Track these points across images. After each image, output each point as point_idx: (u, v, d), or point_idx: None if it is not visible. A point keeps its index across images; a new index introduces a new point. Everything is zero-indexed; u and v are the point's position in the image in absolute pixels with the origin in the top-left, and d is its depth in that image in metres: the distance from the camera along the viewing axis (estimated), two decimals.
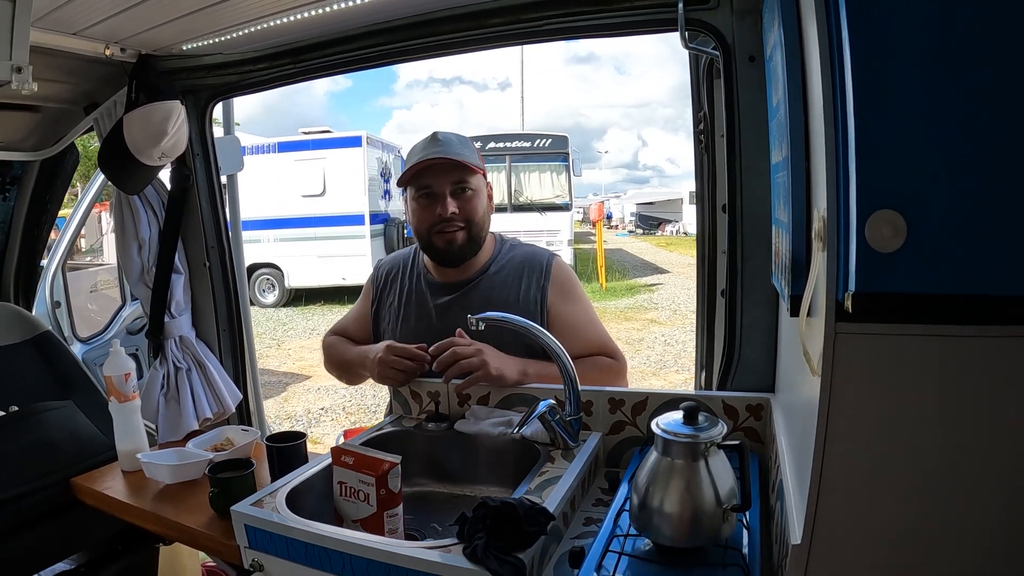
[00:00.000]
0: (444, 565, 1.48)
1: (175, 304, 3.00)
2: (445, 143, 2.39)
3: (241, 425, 3.00)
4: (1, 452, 2.61)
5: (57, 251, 5.10)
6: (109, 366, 2.49)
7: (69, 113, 3.27)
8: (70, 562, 3.04)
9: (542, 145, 18.17)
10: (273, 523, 1.76)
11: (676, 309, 14.57)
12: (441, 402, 2.39)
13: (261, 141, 16.53)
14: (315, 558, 1.70)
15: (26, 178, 3.81)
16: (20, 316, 3.36)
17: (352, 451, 1.88)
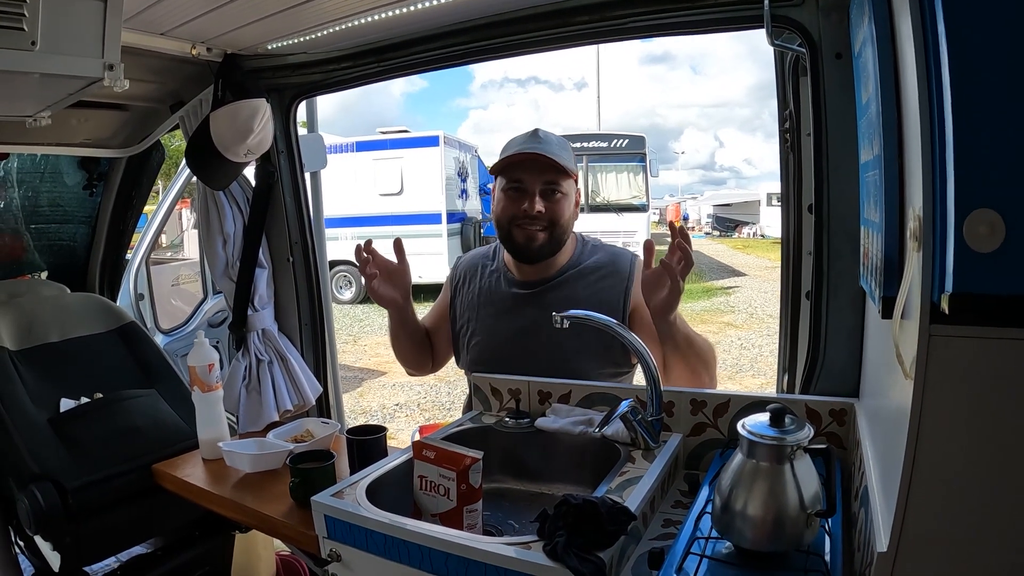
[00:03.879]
0: (523, 562, 1.49)
1: (258, 298, 3.06)
2: (544, 141, 2.39)
3: (321, 418, 3.05)
4: (86, 437, 2.70)
5: (141, 245, 5.20)
6: (193, 356, 2.56)
7: (156, 111, 3.35)
8: (147, 546, 3.13)
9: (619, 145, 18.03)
10: (353, 514, 1.79)
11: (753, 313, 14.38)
12: (521, 399, 2.38)
13: (339, 140, 16.69)
14: (393, 550, 1.72)
15: (113, 174, 3.92)
16: (106, 307, 3.45)
17: (433, 445, 1.90)
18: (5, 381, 2.83)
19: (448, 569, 1.62)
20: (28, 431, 2.69)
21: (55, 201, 4.01)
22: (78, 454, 2.66)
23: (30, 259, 4.10)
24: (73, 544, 2.59)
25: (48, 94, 2.33)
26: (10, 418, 2.70)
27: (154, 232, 5.39)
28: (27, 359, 3.01)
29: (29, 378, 2.93)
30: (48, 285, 3.58)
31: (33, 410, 2.79)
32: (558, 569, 1.44)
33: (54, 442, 2.70)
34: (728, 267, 23.66)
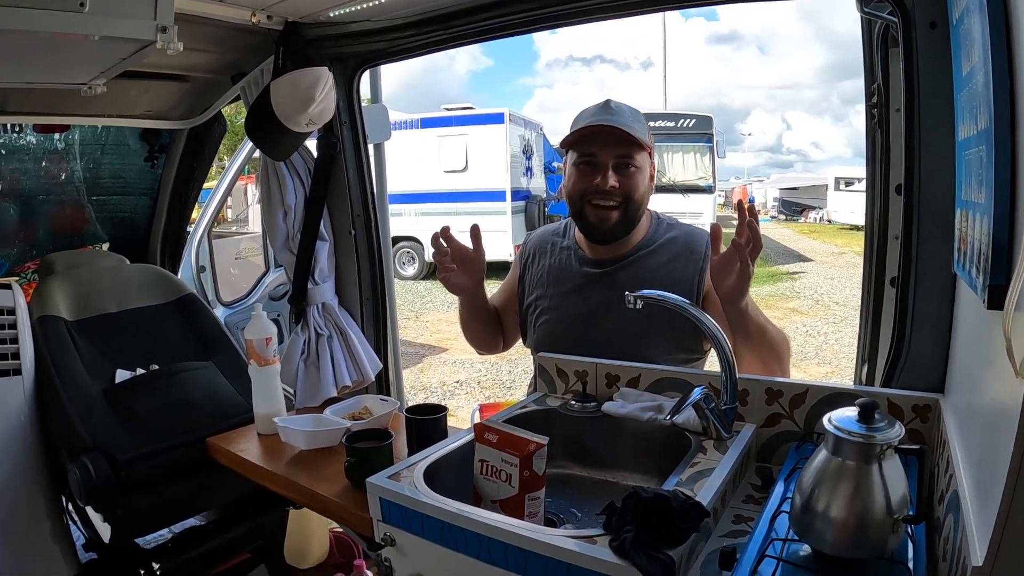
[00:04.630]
0: (588, 557, 1.41)
1: (319, 271, 3.01)
2: (617, 112, 2.29)
3: (380, 395, 3.01)
4: (141, 409, 2.70)
5: (203, 218, 5.24)
6: (251, 329, 2.54)
7: (216, 83, 3.35)
8: (200, 518, 3.13)
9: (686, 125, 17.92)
10: (409, 499, 1.73)
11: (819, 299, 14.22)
12: (588, 382, 2.29)
13: (404, 117, 16.71)
14: (450, 538, 1.66)
15: (174, 146, 3.95)
16: (166, 278, 3.44)
17: (496, 429, 1.83)
18: (60, 351, 2.83)
19: (507, 560, 1.56)
20: (82, 402, 2.69)
21: (116, 173, 4.05)
22: (132, 426, 2.66)
23: (92, 231, 4.14)
24: (124, 516, 2.59)
25: (100, 59, 2.30)
26: (64, 388, 2.71)
27: (216, 205, 5.43)
28: (84, 329, 3.01)
29: (85, 348, 2.93)
30: (107, 256, 3.59)
31: (88, 381, 2.79)
32: (625, 567, 1.36)
33: (107, 413, 2.70)
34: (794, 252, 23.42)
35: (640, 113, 2.38)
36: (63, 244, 3.99)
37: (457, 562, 1.67)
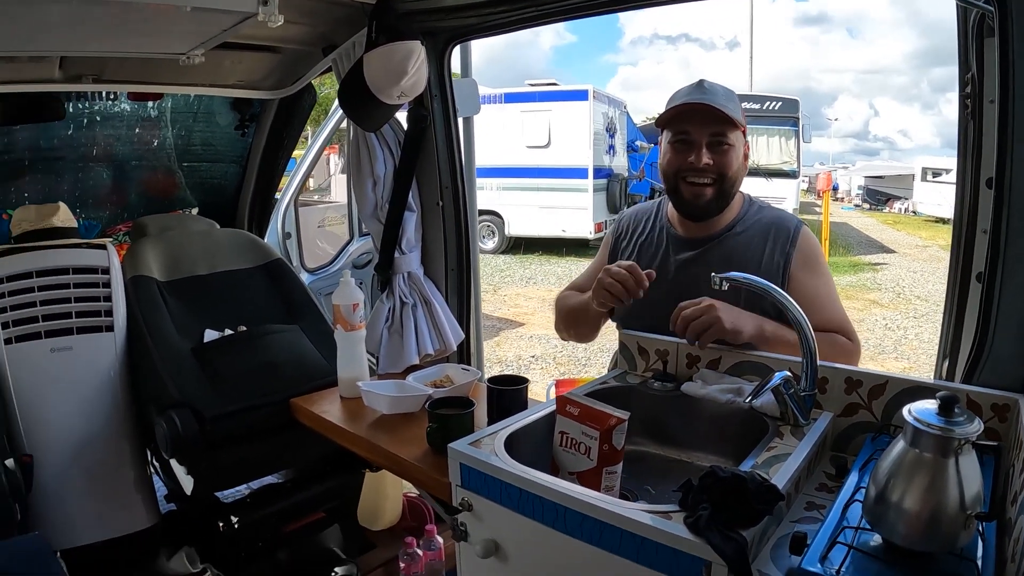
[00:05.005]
0: (663, 532, 1.43)
1: (406, 240, 3.06)
2: (710, 92, 2.30)
3: (461, 364, 3.05)
4: (228, 368, 2.79)
5: (290, 187, 5.32)
6: (338, 295, 2.59)
7: (307, 54, 3.40)
8: (278, 477, 3.24)
9: (772, 108, 17.61)
10: (491, 465, 1.77)
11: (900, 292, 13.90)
12: (669, 361, 2.30)
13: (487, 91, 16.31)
14: (528, 506, 1.69)
15: (264, 116, 4.04)
16: (254, 243, 3.53)
17: (578, 402, 1.86)
18: (152, 310, 2.93)
19: (582, 531, 1.58)
20: (171, 359, 2.78)
21: (207, 141, 4.17)
22: (218, 384, 2.74)
23: (182, 196, 4.25)
24: (208, 470, 2.69)
25: (200, 30, 2.36)
26: (154, 346, 2.81)
27: (303, 174, 5.52)
28: (174, 290, 3.11)
29: (175, 308, 3.03)
30: (197, 220, 3.69)
31: (177, 339, 2.89)
32: (699, 544, 1.38)
33: (196, 371, 2.78)
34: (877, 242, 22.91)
35: (733, 93, 2.38)
36: (154, 208, 4.11)
37: (532, 530, 1.70)
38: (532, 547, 1.75)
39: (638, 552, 1.49)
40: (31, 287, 2.76)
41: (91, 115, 3.76)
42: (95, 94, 3.64)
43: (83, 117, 3.74)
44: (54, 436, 2.76)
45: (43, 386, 2.75)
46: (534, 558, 1.76)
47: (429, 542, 3.13)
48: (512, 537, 1.79)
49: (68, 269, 2.82)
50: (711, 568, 1.37)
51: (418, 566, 3.08)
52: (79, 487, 2.80)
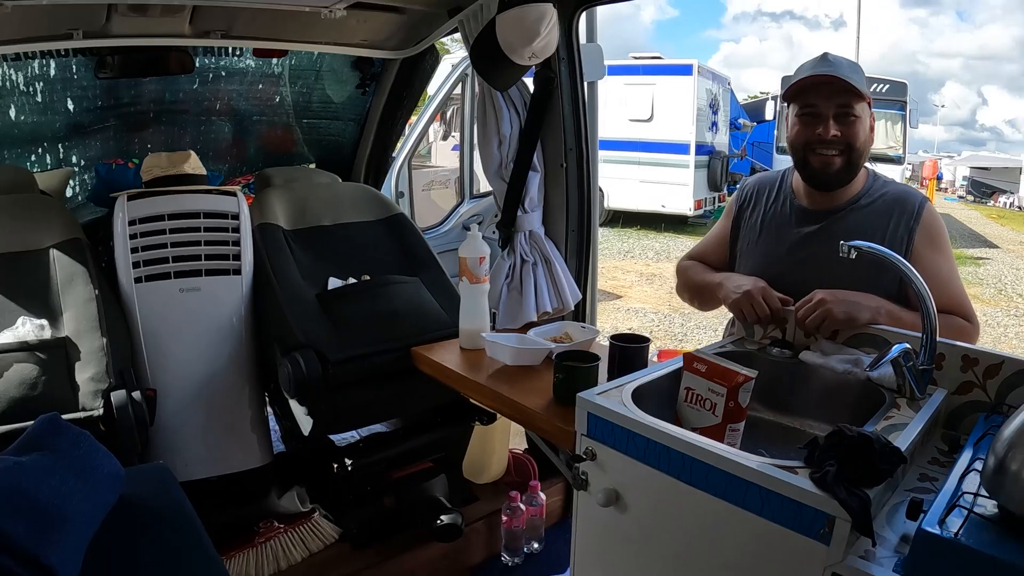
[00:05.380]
0: (790, 485, 1.46)
1: (529, 200, 3.10)
2: (835, 64, 2.29)
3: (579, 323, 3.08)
4: (351, 315, 2.86)
5: (404, 148, 5.40)
6: (466, 248, 2.65)
7: (433, 15, 3.44)
8: (387, 425, 3.33)
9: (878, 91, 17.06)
10: (619, 415, 1.80)
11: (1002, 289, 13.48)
12: (788, 329, 2.32)
13: None
14: (654, 456, 1.73)
15: (385, 76, 4.09)
16: (376, 197, 3.60)
17: (705, 359, 1.90)
18: (279, 255, 3.01)
19: (707, 482, 1.62)
20: (297, 303, 2.86)
21: (327, 99, 4.22)
22: (342, 329, 2.82)
23: (299, 152, 4.34)
24: (327, 412, 2.76)
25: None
26: (281, 290, 2.89)
27: (418, 135, 5.58)
28: (300, 239, 3.19)
29: (300, 256, 3.12)
30: (320, 173, 3.77)
31: (302, 285, 2.97)
32: (823, 498, 1.40)
33: (320, 316, 2.86)
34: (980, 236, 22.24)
35: (858, 65, 2.36)
36: (271, 163, 4.18)
37: (655, 480, 1.74)
38: (653, 497, 1.79)
39: (762, 505, 1.52)
40: (163, 229, 2.83)
41: (216, 70, 3.84)
42: (221, 50, 3.72)
43: (209, 72, 3.82)
44: (177, 373, 2.84)
45: (170, 324, 2.83)
46: (654, 508, 1.80)
47: (531, 498, 3.19)
48: (634, 487, 1.83)
49: (199, 213, 2.88)
50: (834, 523, 1.40)
51: (519, 520, 3.14)
52: (198, 423, 2.89)
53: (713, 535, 1.66)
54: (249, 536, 2.95)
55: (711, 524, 1.65)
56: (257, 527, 3.01)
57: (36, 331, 2.45)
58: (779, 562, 1.53)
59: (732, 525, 1.59)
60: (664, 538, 1.81)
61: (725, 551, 1.65)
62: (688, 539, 1.74)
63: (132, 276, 2.77)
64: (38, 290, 2.62)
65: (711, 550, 1.68)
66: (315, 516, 3.12)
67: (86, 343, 2.47)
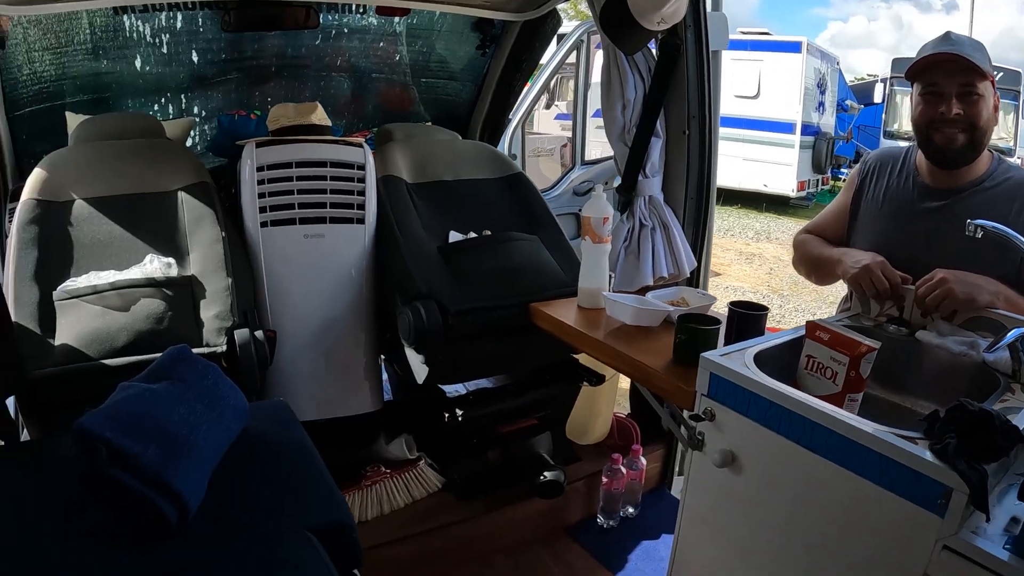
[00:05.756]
0: (910, 454, 1.47)
1: (650, 165, 3.12)
2: (957, 43, 2.27)
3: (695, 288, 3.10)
4: (471, 268, 2.90)
5: (518, 111, 5.42)
6: (590, 207, 2.66)
7: None
8: (494, 381, 3.37)
9: None
10: (743, 376, 1.82)
11: None
12: (905, 307, 2.30)
13: None
14: (774, 419, 1.75)
15: (506, 37, 4.10)
16: (497, 155, 3.64)
17: (829, 328, 1.92)
18: (401, 206, 3.07)
19: (827, 447, 1.63)
20: (419, 254, 2.92)
21: (445, 59, 4.26)
22: (462, 282, 2.86)
23: (415, 110, 4.38)
24: (444, 362, 2.82)
25: None
26: (404, 240, 2.95)
27: (532, 99, 5.61)
28: (421, 192, 3.25)
29: (422, 209, 3.17)
30: (441, 131, 3.83)
31: (424, 237, 3.02)
32: (942, 469, 1.41)
33: (441, 268, 2.91)
34: None
35: (981, 44, 2.32)
36: (388, 120, 4.22)
37: (773, 443, 1.76)
38: (770, 460, 1.81)
39: (880, 473, 1.53)
40: (290, 176, 2.89)
41: (339, 27, 3.89)
42: (344, 6, 3.76)
43: (331, 28, 3.87)
44: (297, 316, 2.93)
45: (293, 269, 2.91)
46: (770, 471, 1.83)
47: (633, 461, 3.22)
48: (751, 449, 1.86)
49: (326, 162, 2.94)
50: (951, 495, 1.41)
51: (620, 483, 3.18)
52: (314, 366, 2.98)
53: (826, 500, 1.68)
54: (356, 479, 3.04)
55: (825, 489, 1.67)
56: (364, 470, 3.10)
57: (163, 269, 2.54)
58: (891, 531, 1.54)
59: (847, 491, 1.61)
60: (776, 501, 1.83)
61: (837, 517, 1.67)
62: (800, 503, 1.76)
63: (258, 220, 2.86)
64: (166, 230, 2.71)
65: (823, 515, 1.71)
66: (421, 464, 3.19)
67: (211, 282, 2.55)
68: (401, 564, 2.90)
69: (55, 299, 2.37)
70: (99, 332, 2.27)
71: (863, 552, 1.62)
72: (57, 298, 2.37)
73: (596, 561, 3.11)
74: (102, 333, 2.27)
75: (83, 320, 2.30)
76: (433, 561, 2.98)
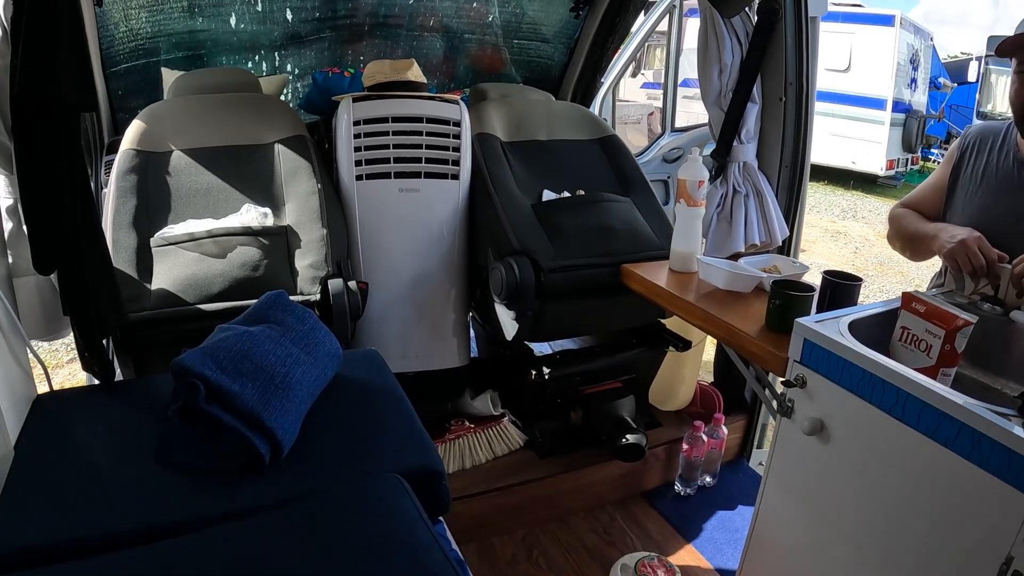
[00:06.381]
0: (1005, 431, 1.44)
1: (745, 131, 3.11)
2: None
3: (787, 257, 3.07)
4: (565, 226, 2.90)
5: (609, 75, 5.40)
6: (686, 170, 2.64)
7: None
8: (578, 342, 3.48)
9: None
10: (838, 344, 1.81)
11: None
12: (1000, 286, 2.24)
13: None
14: (867, 388, 1.74)
15: (600, 1, 4.05)
16: (591, 117, 3.63)
17: (925, 300, 1.90)
18: (496, 163, 3.09)
19: (919, 419, 1.62)
20: (513, 210, 2.93)
21: (538, 21, 4.23)
22: (555, 240, 2.87)
23: (507, 72, 4.37)
24: (535, 317, 2.83)
25: None
26: (498, 196, 2.96)
27: (622, 65, 5.58)
28: (516, 151, 3.26)
29: (517, 166, 3.18)
30: (535, 91, 3.82)
31: (518, 194, 3.03)
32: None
33: (535, 225, 2.92)
34: None
35: None
36: (480, 80, 4.25)
37: (864, 413, 1.76)
38: (860, 430, 1.80)
39: (971, 449, 1.51)
40: (386, 131, 2.92)
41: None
42: None
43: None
44: (389, 269, 2.97)
45: (387, 222, 2.95)
46: (859, 441, 1.82)
47: (714, 430, 3.23)
48: (841, 418, 1.85)
49: (422, 118, 2.96)
50: None
51: (700, 451, 3.19)
52: (404, 320, 3.03)
53: (914, 473, 1.67)
54: (440, 432, 3.10)
55: (914, 462, 1.66)
56: (448, 424, 3.16)
57: (260, 218, 2.59)
58: (978, 510, 1.53)
59: (935, 465, 1.60)
60: (863, 472, 1.82)
61: (924, 492, 1.66)
62: (887, 475, 1.75)
63: (354, 174, 2.90)
64: (263, 181, 2.76)
65: (910, 489, 1.70)
66: (504, 420, 3.24)
67: (306, 232, 2.60)
68: (480, 518, 2.96)
69: (152, 245, 2.44)
70: (195, 278, 2.33)
71: (948, 529, 1.61)
72: (155, 244, 2.44)
73: (672, 527, 3.14)
74: (198, 279, 2.33)
75: (180, 266, 2.36)
76: (511, 517, 3.03)
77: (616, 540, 3.06)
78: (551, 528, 3.09)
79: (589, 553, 2.97)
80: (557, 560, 2.93)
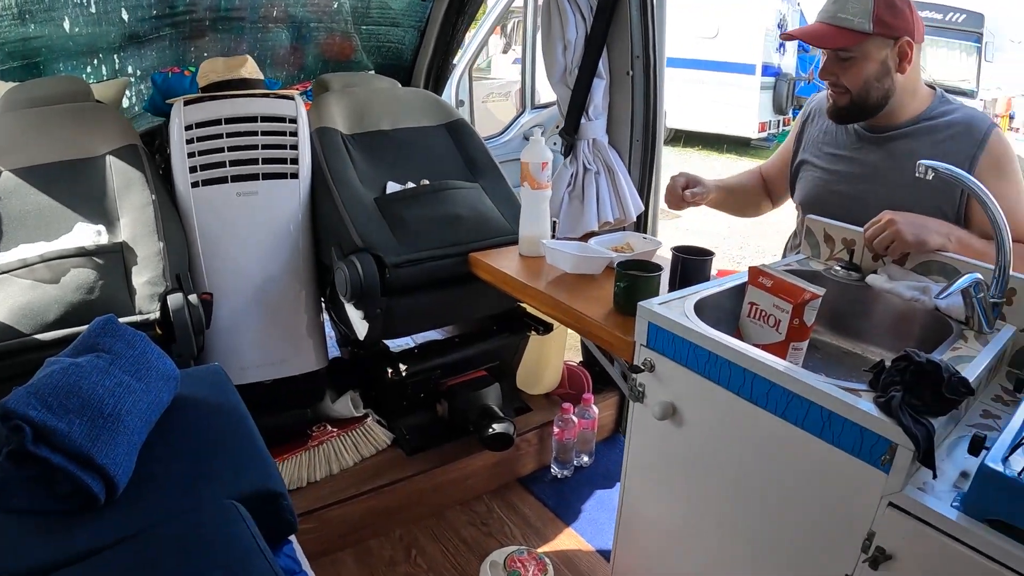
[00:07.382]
0: (853, 408, 1.43)
1: (593, 107, 3.05)
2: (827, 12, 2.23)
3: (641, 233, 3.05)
4: (410, 219, 2.84)
5: (464, 56, 5.35)
6: (528, 152, 2.60)
7: None
8: (441, 333, 3.38)
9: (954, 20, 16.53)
10: (682, 326, 1.78)
11: None
12: (855, 251, 2.23)
13: None
14: (714, 369, 1.72)
15: None
16: (437, 102, 3.55)
17: (772, 274, 1.86)
18: (336, 159, 2.98)
19: (768, 399, 1.60)
20: (355, 207, 2.84)
21: (386, 5, 4.15)
22: (400, 233, 2.80)
23: (358, 59, 4.30)
24: (383, 316, 2.76)
25: None
26: (339, 193, 2.87)
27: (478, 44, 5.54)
28: (359, 143, 3.16)
29: (359, 160, 3.08)
30: (380, 79, 3.74)
31: (361, 189, 2.94)
32: (887, 424, 1.38)
33: (378, 220, 2.84)
34: None
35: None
36: (331, 70, 4.14)
37: (713, 394, 1.73)
38: (711, 412, 1.79)
39: (822, 427, 1.51)
40: (219, 134, 2.82)
41: None
42: None
43: None
44: (234, 277, 2.87)
45: (227, 228, 2.84)
46: (710, 424, 1.80)
47: (584, 411, 3.21)
48: (691, 401, 1.83)
49: (256, 117, 2.86)
50: (895, 451, 1.38)
51: (571, 432, 3.17)
52: (255, 327, 2.92)
53: (768, 454, 1.66)
54: (303, 440, 3.02)
55: (767, 443, 1.65)
56: (311, 431, 3.07)
57: (93, 236, 2.47)
58: (835, 487, 1.52)
59: (789, 445, 1.59)
60: (718, 454, 1.81)
61: (780, 471, 1.65)
62: (742, 457, 1.74)
63: (189, 180, 2.78)
64: (95, 196, 2.63)
65: (765, 469, 1.68)
66: (368, 421, 3.16)
67: (143, 247, 2.49)
68: (354, 522, 2.89)
69: None
70: (30, 306, 2.21)
71: (808, 508, 1.60)
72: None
73: (551, 512, 3.12)
74: (33, 307, 2.21)
75: (13, 295, 2.23)
76: (387, 517, 2.97)
77: (494, 530, 3.03)
78: (428, 525, 3.04)
79: (468, 546, 2.94)
80: (436, 557, 2.89)
